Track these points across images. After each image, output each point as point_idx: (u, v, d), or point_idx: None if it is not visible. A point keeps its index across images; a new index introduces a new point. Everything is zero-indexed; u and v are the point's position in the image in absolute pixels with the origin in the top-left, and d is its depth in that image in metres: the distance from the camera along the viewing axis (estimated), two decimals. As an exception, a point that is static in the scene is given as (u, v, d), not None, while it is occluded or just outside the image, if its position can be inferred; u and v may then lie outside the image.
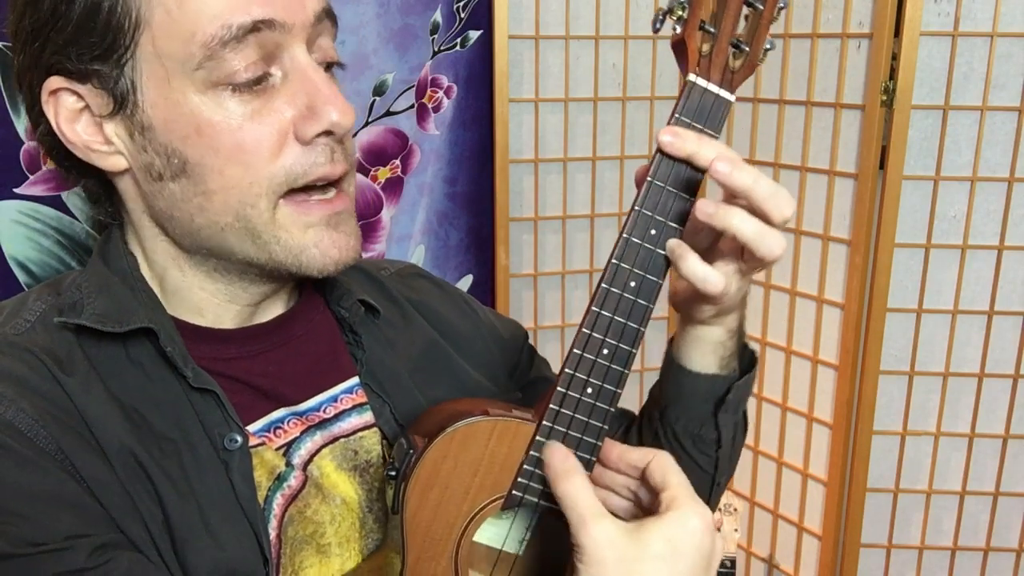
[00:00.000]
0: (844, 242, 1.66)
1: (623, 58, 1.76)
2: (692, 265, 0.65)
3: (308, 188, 0.66)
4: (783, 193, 0.64)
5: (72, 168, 0.68)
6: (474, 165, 1.72)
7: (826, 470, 1.76)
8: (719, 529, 1.72)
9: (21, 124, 1.23)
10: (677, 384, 0.78)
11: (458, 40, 1.63)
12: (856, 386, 1.70)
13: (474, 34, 1.64)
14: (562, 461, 0.63)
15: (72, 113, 0.64)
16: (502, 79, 1.65)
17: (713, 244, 0.70)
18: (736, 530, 1.73)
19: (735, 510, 1.74)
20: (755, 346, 2.01)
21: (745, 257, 0.67)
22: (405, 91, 1.60)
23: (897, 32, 1.52)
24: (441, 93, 1.64)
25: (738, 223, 0.63)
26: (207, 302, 0.71)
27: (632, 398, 0.68)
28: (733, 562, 1.69)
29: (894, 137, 1.56)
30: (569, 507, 0.60)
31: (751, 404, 1.93)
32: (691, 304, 0.73)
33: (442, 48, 1.62)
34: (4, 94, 1.21)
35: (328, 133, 0.64)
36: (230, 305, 0.72)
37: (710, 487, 0.82)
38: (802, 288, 1.75)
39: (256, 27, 0.60)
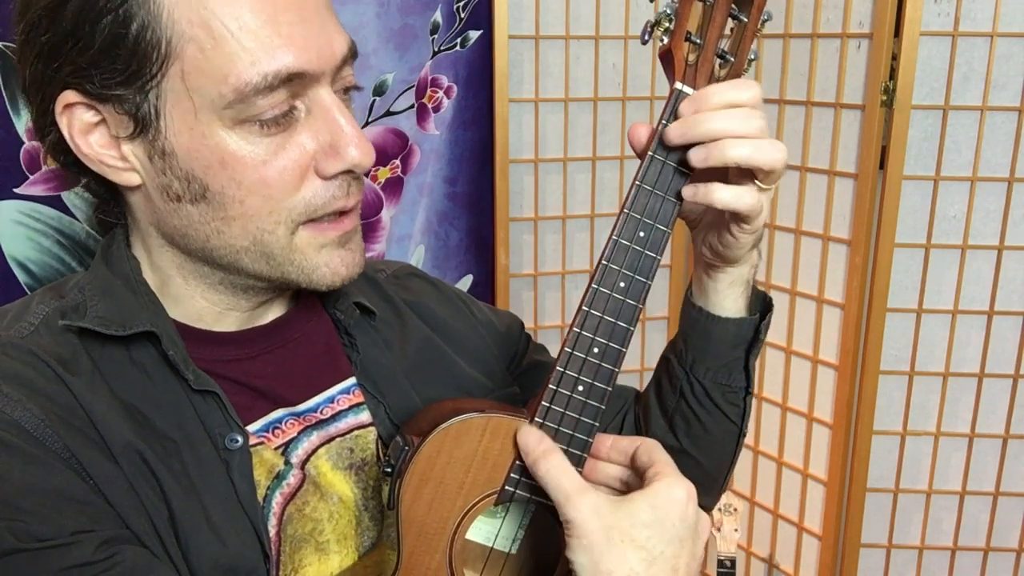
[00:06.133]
0: (844, 242, 1.66)
1: (623, 58, 1.76)
2: (721, 192, 0.66)
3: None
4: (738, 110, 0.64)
5: (78, 172, 0.67)
6: (474, 165, 1.72)
7: (826, 470, 1.76)
8: (719, 529, 1.72)
9: (21, 124, 1.23)
10: (705, 335, 0.79)
11: (458, 40, 1.63)
12: (856, 386, 1.70)
13: (474, 34, 1.64)
14: (537, 443, 0.65)
15: (87, 126, 0.63)
16: (502, 79, 1.65)
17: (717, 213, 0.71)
18: (736, 530, 1.73)
19: (735, 510, 1.74)
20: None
21: (757, 177, 0.67)
22: (405, 91, 1.60)
23: (897, 32, 1.52)
24: (441, 93, 1.64)
25: (732, 154, 0.63)
26: (208, 310, 0.72)
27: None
28: (733, 562, 1.69)
29: (894, 137, 1.56)
30: (553, 487, 0.63)
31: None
32: (724, 239, 0.72)
33: (442, 48, 1.62)
34: (4, 94, 1.21)
35: (348, 171, 0.66)
36: (230, 312, 0.73)
37: (737, 439, 0.84)
38: (802, 288, 1.75)
39: (291, 78, 0.61)
